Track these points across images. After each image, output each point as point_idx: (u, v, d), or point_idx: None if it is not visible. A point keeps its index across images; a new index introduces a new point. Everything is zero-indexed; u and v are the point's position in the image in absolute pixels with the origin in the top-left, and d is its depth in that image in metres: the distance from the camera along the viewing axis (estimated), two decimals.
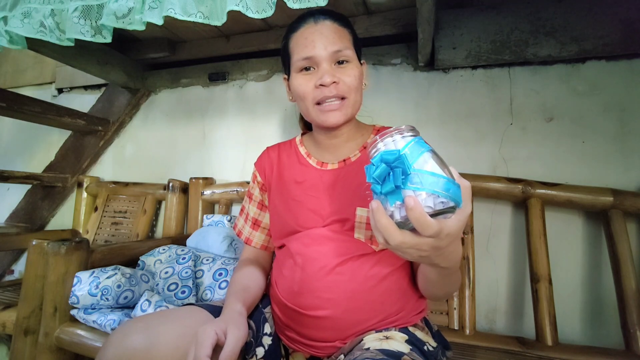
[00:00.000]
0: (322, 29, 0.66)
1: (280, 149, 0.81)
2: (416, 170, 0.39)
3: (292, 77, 0.70)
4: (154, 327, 0.56)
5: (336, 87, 0.66)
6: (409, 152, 0.40)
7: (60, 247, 0.95)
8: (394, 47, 1.34)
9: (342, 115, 0.67)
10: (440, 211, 0.39)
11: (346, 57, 0.67)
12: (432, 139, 1.26)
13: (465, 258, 1.08)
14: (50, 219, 1.84)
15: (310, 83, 0.67)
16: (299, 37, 0.68)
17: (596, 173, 1.10)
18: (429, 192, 0.38)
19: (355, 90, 0.68)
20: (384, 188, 0.40)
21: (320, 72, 0.66)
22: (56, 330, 0.94)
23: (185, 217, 1.54)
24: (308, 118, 0.72)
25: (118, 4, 0.92)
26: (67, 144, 1.82)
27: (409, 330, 0.64)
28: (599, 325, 1.07)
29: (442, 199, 0.39)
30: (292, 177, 0.75)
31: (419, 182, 0.38)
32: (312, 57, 0.66)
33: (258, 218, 0.82)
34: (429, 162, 0.40)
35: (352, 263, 0.63)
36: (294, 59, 0.69)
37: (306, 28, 0.68)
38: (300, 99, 0.70)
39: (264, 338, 0.68)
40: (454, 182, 0.40)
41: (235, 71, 1.59)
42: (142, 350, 0.53)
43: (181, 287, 1.03)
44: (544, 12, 1.12)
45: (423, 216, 0.38)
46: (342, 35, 0.67)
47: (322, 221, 0.68)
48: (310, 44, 0.66)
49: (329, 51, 0.65)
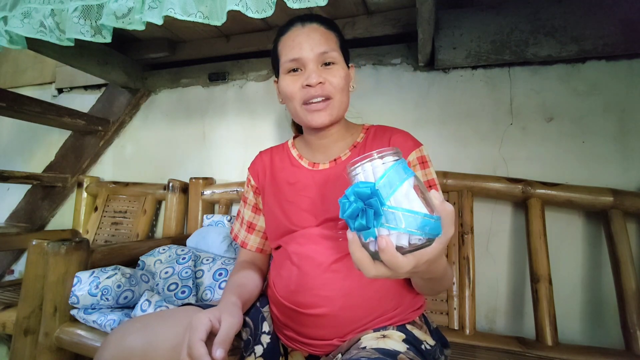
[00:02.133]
0: (309, 32, 0.69)
1: (272, 153, 0.83)
2: (392, 207, 0.38)
3: (281, 78, 0.72)
4: (152, 327, 0.56)
5: (322, 87, 0.68)
6: (386, 182, 0.39)
7: (60, 247, 0.96)
8: (394, 47, 1.34)
9: (327, 115, 0.69)
10: (417, 247, 0.39)
11: (332, 58, 0.69)
12: (432, 139, 1.26)
13: (465, 258, 1.08)
14: (50, 219, 1.84)
15: (297, 83, 0.69)
16: (287, 39, 0.71)
17: (596, 173, 1.10)
18: (403, 231, 0.37)
19: (341, 91, 0.69)
20: (356, 226, 0.39)
21: (307, 73, 0.68)
22: (56, 330, 0.94)
23: (185, 217, 1.54)
24: (296, 119, 0.74)
25: (118, 3, 0.92)
26: (67, 144, 1.82)
27: (406, 328, 0.64)
28: (599, 325, 1.07)
29: (416, 239, 0.38)
30: (284, 178, 0.76)
31: (393, 220, 0.37)
32: (299, 59, 0.68)
33: (252, 221, 0.83)
34: (408, 194, 0.39)
35: (347, 260, 0.64)
36: (282, 60, 0.71)
37: (294, 31, 0.70)
38: (288, 100, 0.72)
39: (262, 336, 0.68)
40: (431, 217, 0.38)
41: (235, 71, 1.59)
42: (139, 350, 0.53)
43: (181, 287, 1.03)
44: (544, 12, 1.12)
45: (395, 258, 0.38)
46: (328, 38, 0.70)
47: (315, 220, 0.69)
48: (297, 46, 0.68)
49: (315, 52, 0.67)
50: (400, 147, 0.71)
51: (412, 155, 0.70)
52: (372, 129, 0.77)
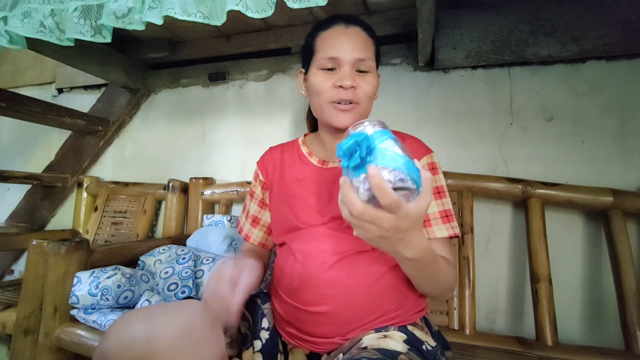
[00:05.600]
0: (352, 35, 0.69)
1: (283, 149, 0.83)
2: (380, 148, 0.44)
3: (312, 72, 0.72)
4: (154, 317, 0.57)
5: (353, 92, 0.68)
6: (377, 134, 0.45)
7: (60, 247, 0.96)
8: (394, 47, 1.34)
9: (352, 118, 0.69)
10: (400, 187, 0.43)
11: (368, 67, 0.70)
12: (432, 138, 1.26)
13: (465, 258, 1.08)
14: (50, 219, 1.85)
15: (330, 82, 0.69)
16: (328, 36, 0.70)
17: (596, 173, 1.10)
18: (391, 167, 0.42)
19: (369, 100, 0.71)
20: (351, 162, 0.44)
21: (342, 74, 0.68)
22: (56, 330, 0.94)
23: (185, 217, 1.54)
24: (318, 115, 0.74)
25: (118, 3, 0.92)
26: (67, 144, 1.82)
27: (407, 329, 0.64)
28: (599, 325, 1.07)
29: (401, 176, 0.42)
30: (293, 175, 0.76)
31: (381, 158, 0.43)
32: (337, 59, 0.68)
33: (258, 215, 0.83)
34: (394, 146, 0.45)
35: (351, 260, 0.64)
36: (318, 56, 0.70)
37: (336, 29, 0.70)
38: (315, 95, 0.71)
39: (261, 332, 0.68)
40: (414, 165, 0.44)
41: (235, 71, 1.59)
42: (141, 338, 0.53)
43: (181, 287, 1.03)
44: (544, 12, 1.12)
45: (383, 183, 0.41)
46: (368, 45, 0.70)
47: (321, 218, 0.69)
48: (338, 45, 0.68)
49: (354, 57, 0.68)
50: (413, 152, 0.72)
51: (423, 161, 0.71)
52: None
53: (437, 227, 0.67)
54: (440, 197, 0.69)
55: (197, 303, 0.63)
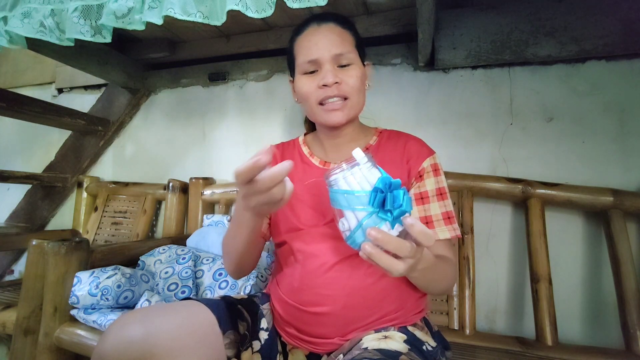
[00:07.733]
0: (325, 32, 0.69)
1: (283, 148, 0.83)
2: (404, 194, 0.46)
3: (297, 78, 0.73)
4: (152, 317, 0.57)
5: (338, 88, 0.68)
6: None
7: (60, 247, 0.95)
8: (394, 47, 1.34)
9: (344, 115, 0.69)
10: None
11: (348, 60, 0.69)
12: (432, 139, 1.25)
13: (465, 258, 1.08)
14: (50, 219, 1.84)
15: (314, 84, 0.69)
16: (303, 40, 0.71)
17: (596, 173, 1.09)
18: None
19: (357, 91, 0.70)
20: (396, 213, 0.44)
21: (323, 73, 0.68)
22: (56, 330, 0.94)
23: (185, 217, 1.54)
24: (312, 118, 0.74)
25: (118, 3, 0.92)
26: (67, 144, 1.81)
27: (408, 329, 0.64)
28: (599, 325, 1.06)
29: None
30: (294, 175, 0.76)
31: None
32: (316, 60, 0.68)
33: None
34: None
35: (351, 261, 0.64)
36: (299, 61, 0.71)
37: (309, 31, 0.70)
38: (304, 100, 0.72)
39: (260, 332, 0.68)
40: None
41: (235, 71, 1.59)
42: (139, 339, 0.53)
43: (181, 287, 1.03)
44: (544, 12, 1.12)
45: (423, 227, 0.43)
46: (344, 38, 0.70)
47: (323, 219, 0.69)
48: (314, 47, 0.68)
49: (331, 53, 0.68)
50: (416, 154, 0.72)
51: (426, 162, 0.71)
52: (386, 133, 0.78)
53: (440, 228, 0.67)
54: (443, 199, 0.69)
55: (194, 304, 0.63)
